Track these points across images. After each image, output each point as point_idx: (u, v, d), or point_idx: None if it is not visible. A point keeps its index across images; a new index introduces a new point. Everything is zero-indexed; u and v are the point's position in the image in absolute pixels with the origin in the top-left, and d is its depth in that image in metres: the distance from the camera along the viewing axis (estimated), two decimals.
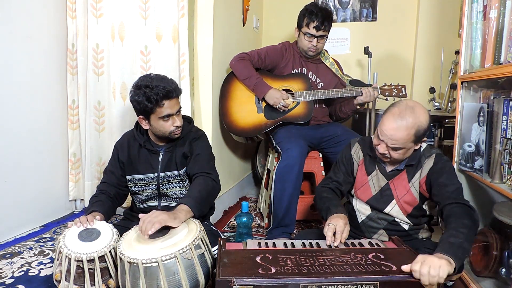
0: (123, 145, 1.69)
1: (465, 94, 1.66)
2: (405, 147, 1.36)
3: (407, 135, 1.32)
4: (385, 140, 1.36)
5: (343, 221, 1.37)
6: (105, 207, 1.56)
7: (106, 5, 2.17)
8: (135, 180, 1.66)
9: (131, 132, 1.72)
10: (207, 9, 2.19)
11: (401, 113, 1.32)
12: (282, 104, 2.16)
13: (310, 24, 2.16)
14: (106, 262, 1.32)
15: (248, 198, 2.90)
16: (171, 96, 1.51)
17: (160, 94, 1.48)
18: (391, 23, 3.12)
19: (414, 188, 1.44)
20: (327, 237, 1.32)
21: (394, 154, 1.38)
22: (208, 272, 1.30)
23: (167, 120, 1.54)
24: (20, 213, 2.05)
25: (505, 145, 1.37)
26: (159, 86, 1.48)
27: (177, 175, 1.64)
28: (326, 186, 1.61)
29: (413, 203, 1.45)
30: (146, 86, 1.49)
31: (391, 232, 1.48)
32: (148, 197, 1.68)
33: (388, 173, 1.49)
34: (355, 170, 1.58)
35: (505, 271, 1.39)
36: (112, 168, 1.69)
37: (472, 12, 1.56)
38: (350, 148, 1.61)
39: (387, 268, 1.12)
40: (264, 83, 2.20)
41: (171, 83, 1.53)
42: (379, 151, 1.41)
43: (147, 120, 1.57)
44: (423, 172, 1.42)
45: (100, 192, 1.63)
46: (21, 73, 2.00)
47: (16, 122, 1.99)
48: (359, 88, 2.16)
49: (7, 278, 1.57)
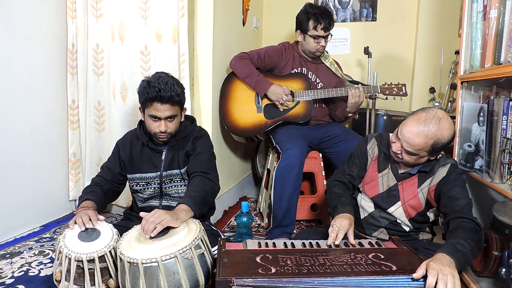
0: (125, 144, 1.69)
1: (465, 94, 1.66)
2: (419, 154, 1.34)
3: (424, 143, 1.30)
4: (402, 140, 1.35)
5: (347, 221, 1.36)
6: (98, 198, 1.57)
7: (106, 5, 2.17)
8: (137, 179, 1.66)
9: (134, 131, 1.73)
10: (207, 9, 2.19)
11: (426, 120, 1.30)
12: (284, 99, 2.16)
13: (318, 27, 2.16)
14: (106, 262, 1.32)
15: (248, 198, 2.90)
16: (162, 101, 1.51)
17: (151, 94, 1.51)
18: (391, 23, 3.12)
19: (422, 194, 1.43)
20: (329, 238, 1.32)
21: (406, 157, 1.37)
22: (208, 272, 1.30)
23: (155, 121, 1.55)
24: (20, 213, 2.05)
25: (505, 145, 1.37)
26: (156, 87, 1.50)
27: (179, 173, 1.65)
28: (338, 180, 1.59)
29: (418, 208, 1.44)
30: (149, 82, 1.53)
31: (392, 232, 1.49)
32: (150, 196, 1.68)
33: (399, 175, 1.48)
34: (368, 164, 1.56)
35: (505, 271, 1.39)
36: (110, 165, 1.69)
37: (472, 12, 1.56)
38: (366, 142, 1.59)
39: (387, 268, 1.12)
40: (265, 80, 2.20)
41: (171, 90, 1.51)
42: (393, 149, 1.40)
43: (142, 112, 1.61)
44: (434, 180, 1.40)
45: (95, 184, 1.64)
46: (21, 73, 2.00)
47: (16, 122, 1.99)
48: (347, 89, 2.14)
49: (7, 278, 1.57)
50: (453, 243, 1.15)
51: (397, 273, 1.10)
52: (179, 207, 1.38)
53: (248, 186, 3.10)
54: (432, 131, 1.29)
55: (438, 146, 1.31)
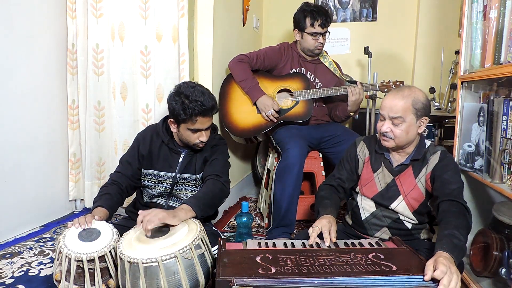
0: (145, 138, 1.68)
1: (465, 94, 1.66)
2: (405, 117, 1.39)
3: (405, 103, 1.39)
4: (386, 113, 1.42)
5: (326, 220, 1.39)
6: (112, 202, 1.56)
7: (106, 5, 2.17)
8: (150, 175, 1.66)
9: (155, 126, 1.71)
10: (207, 9, 2.19)
11: (398, 90, 1.45)
12: (270, 112, 2.17)
13: (315, 24, 2.19)
14: (106, 262, 1.32)
15: (248, 198, 2.90)
16: (207, 114, 1.51)
17: (196, 110, 1.48)
18: (391, 23, 3.12)
19: (420, 184, 1.46)
20: (311, 238, 1.34)
21: (397, 130, 1.41)
22: (208, 272, 1.30)
23: (195, 133, 1.55)
24: (20, 213, 2.05)
25: (505, 145, 1.37)
26: (198, 101, 1.48)
27: (193, 178, 1.65)
28: (327, 184, 1.63)
29: (420, 198, 1.46)
30: (186, 96, 1.49)
31: (394, 231, 1.49)
32: (158, 194, 1.68)
33: (394, 169, 1.50)
34: (359, 168, 1.59)
35: (505, 271, 1.39)
36: (130, 159, 1.67)
37: (472, 12, 1.56)
38: (355, 147, 1.63)
39: (387, 268, 1.12)
40: (258, 88, 2.21)
41: (211, 100, 1.52)
42: (381, 129, 1.44)
43: (177, 125, 1.58)
44: (429, 168, 1.44)
45: (112, 183, 1.63)
46: (21, 73, 2.00)
47: (16, 122, 1.99)
48: (346, 87, 2.17)
49: (7, 278, 1.57)
50: (450, 238, 1.19)
51: (397, 273, 1.10)
52: (180, 206, 1.39)
53: (248, 186, 3.10)
54: (406, 92, 1.42)
55: (418, 106, 1.39)
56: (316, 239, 1.34)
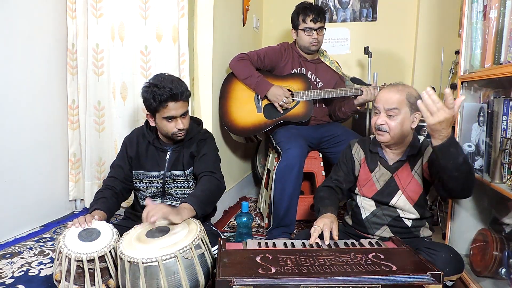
0: (132, 140, 1.70)
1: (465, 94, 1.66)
2: (400, 109, 1.41)
3: (400, 96, 1.43)
4: (381, 106, 1.45)
5: (328, 219, 1.40)
6: (108, 204, 1.57)
7: (106, 5, 2.17)
8: (140, 176, 1.67)
9: (140, 128, 1.74)
10: (207, 9, 2.19)
11: (392, 85, 1.51)
12: (284, 101, 2.17)
13: (306, 19, 2.21)
14: (106, 262, 1.32)
15: (248, 198, 2.90)
16: (176, 99, 1.53)
17: (165, 95, 1.50)
18: (391, 23, 3.12)
19: (417, 175, 1.49)
20: (312, 237, 1.35)
21: (392, 123, 1.43)
22: (208, 272, 1.30)
23: (171, 121, 1.56)
24: (20, 213, 2.05)
25: (505, 145, 1.37)
26: (166, 87, 1.50)
27: (183, 174, 1.65)
28: (326, 185, 1.64)
29: (419, 190, 1.49)
30: (155, 85, 1.53)
31: (394, 229, 1.50)
32: (152, 195, 1.69)
33: (391, 166, 1.52)
34: (356, 169, 1.61)
35: (505, 271, 1.39)
36: (120, 162, 1.70)
37: (472, 12, 1.56)
38: (350, 149, 1.65)
39: (387, 268, 1.12)
40: (265, 81, 2.21)
41: (180, 86, 1.55)
42: (377, 122, 1.46)
43: (153, 118, 1.60)
44: (425, 158, 1.48)
45: (106, 187, 1.64)
46: (21, 73, 2.00)
47: (16, 122, 1.99)
48: (359, 87, 2.17)
49: (7, 278, 1.57)
50: None
51: (397, 273, 1.10)
52: (182, 205, 1.40)
53: (248, 186, 3.10)
54: (401, 87, 1.47)
55: (412, 100, 1.43)
56: (316, 239, 1.35)
